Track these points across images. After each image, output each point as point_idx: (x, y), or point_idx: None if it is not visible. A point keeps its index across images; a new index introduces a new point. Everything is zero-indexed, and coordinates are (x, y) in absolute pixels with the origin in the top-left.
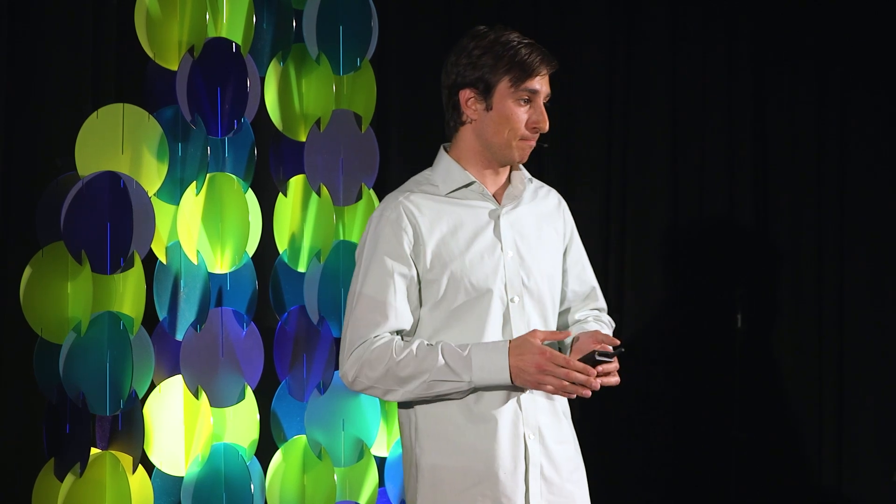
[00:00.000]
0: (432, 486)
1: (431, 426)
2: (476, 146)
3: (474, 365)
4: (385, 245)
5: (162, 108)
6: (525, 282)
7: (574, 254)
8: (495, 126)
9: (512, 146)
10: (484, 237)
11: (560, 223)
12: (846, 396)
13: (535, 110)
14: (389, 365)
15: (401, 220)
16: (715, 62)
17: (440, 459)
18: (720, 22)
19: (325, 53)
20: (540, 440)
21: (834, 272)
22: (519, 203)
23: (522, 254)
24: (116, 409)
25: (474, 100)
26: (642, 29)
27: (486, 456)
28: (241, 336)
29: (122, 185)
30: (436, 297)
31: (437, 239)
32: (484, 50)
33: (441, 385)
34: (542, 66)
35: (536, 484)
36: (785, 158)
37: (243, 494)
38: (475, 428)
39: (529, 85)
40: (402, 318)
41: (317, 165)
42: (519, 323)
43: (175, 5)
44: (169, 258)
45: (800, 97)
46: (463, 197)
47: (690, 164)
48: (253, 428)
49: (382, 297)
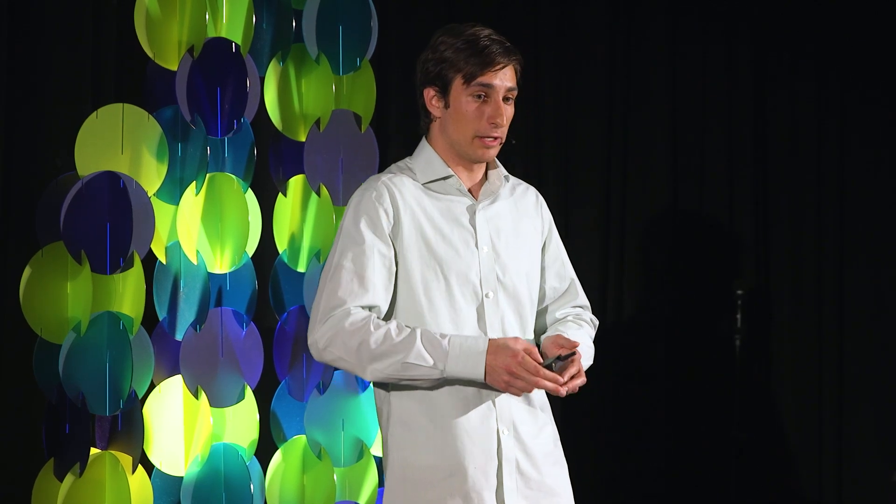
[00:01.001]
0: (402, 479)
1: (403, 417)
2: (444, 143)
3: (451, 355)
4: (366, 222)
5: (161, 108)
6: (500, 277)
7: (552, 250)
8: (454, 124)
9: (470, 143)
10: (459, 230)
11: (538, 220)
12: (846, 396)
13: (492, 105)
14: (363, 338)
15: (382, 200)
16: (715, 63)
17: (410, 452)
18: (720, 22)
19: (324, 53)
20: (515, 435)
21: (834, 272)
22: (495, 199)
23: (498, 250)
24: (116, 409)
25: (436, 98)
26: (642, 29)
27: (456, 450)
28: (241, 336)
29: (121, 185)
30: (410, 284)
31: (416, 225)
32: (444, 48)
33: (413, 369)
34: (493, 62)
35: (511, 479)
36: (785, 158)
37: (243, 494)
38: (446, 422)
39: (482, 80)
40: (378, 295)
41: (316, 165)
42: (493, 319)
43: (175, 5)
44: (168, 258)
45: (800, 98)
46: (440, 189)
47: (690, 165)
48: (252, 428)
49: (362, 271)
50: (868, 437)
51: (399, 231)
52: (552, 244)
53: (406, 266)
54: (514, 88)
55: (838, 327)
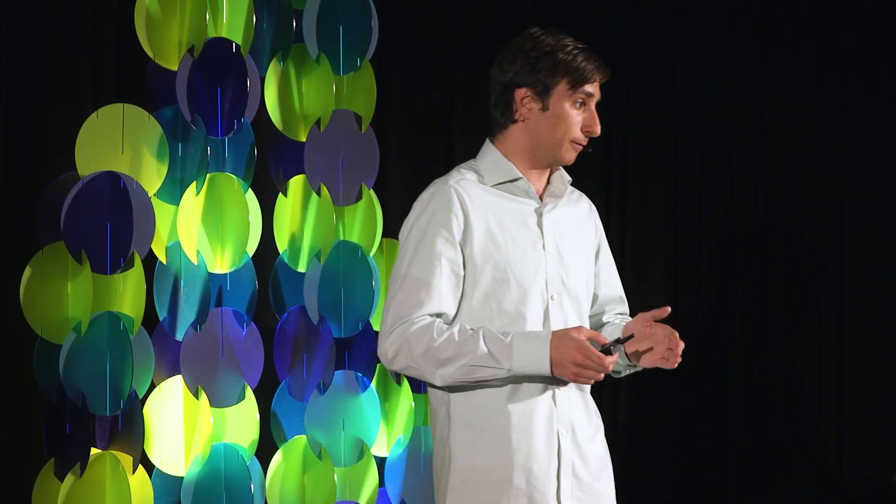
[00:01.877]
0: (464, 480)
1: (466, 418)
2: (525, 145)
3: (515, 353)
4: (435, 227)
5: (162, 108)
6: (564, 280)
7: (603, 259)
8: (550, 126)
9: (563, 147)
10: (527, 232)
11: (591, 228)
12: (846, 396)
13: (589, 114)
14: (430, 345)
15: (452, 205)
16: (715, 62)
17: (474, 452)
18: (720, 21)
19: (325, 53)
20: (572, 437)
21: (834, 272)
22: (558, 203)
23: (562, 253)
24: (116, 409)
25: (530, 99)
26: (642, 28)
27: (522, 450)
28: (241, 336)
29: (122, 185)
30: (478, 287)
31: (485, 228)
32: (542, 52)
33: (480, 371)
34: (597, 73)
35: (567, 481)
36: (785, 158)
37: (243, 494)
38: (510, 421)
39: (586, 88)
40: (445, 302)
41: (317, 165)
42: (557, 321)
43: (175, 5)
44: (169, 258)
45: (800, 97)
46: (508, 191)
47: (690, 164)
48: (253, 428)
49: (428, 280)
50: (868, 437)
51: (469, 235)
52: (603, 253)
53: (474, 269)
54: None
55: (838, 327)
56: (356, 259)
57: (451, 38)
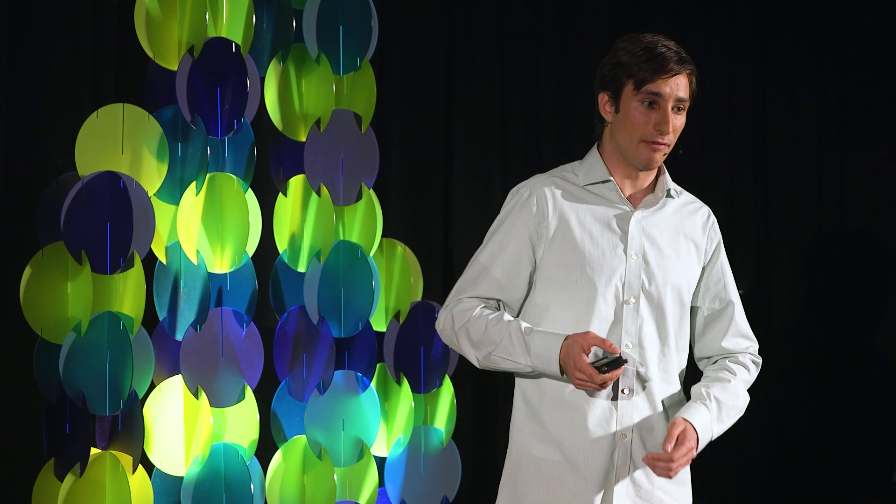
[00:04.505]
0: (517, 467)
1: (529, 406)
2: (612, 147)
3: (532, 350)
4: (511, 220)
5: (162, 108)
6: (645, 286)
7: (716, 272)
8: (623, 128)
9: (637, 147)
10: (609, 234)
11: (703, 240)
12: (847, 396)
13: (660, 113)
14: (467, 324)
15: (531, 200)
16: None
17: (530, 441)
18: (720, 19)
19: (325, 53)
20: (633, 442)
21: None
22: (657, 211)
23: (648, 259)
24: (116, 409)
25: (608, 103)
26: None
27: (571, 446)
28: (241, 336)
29: (121, 185)
30: (549, 281)
31: (564, 225)
32: (614, 57)
33: (504, 362)
34: (665, 69)
35: (624, 485)
36: (785, 157)
37: (243, 494)
38: (565, 415)
39: (651, 88)
40: (502, 290)
41: (317, 165)
42: (631, 325)
43: (175, 5)
44: (169, 258)
45: (800, 95)
46: (598, 192)
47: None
48: (253, 428)
49: (490, 266)
50: (868, 437)
51: (544, 231)
52: (716, 265)
53: (547, 265)
54: (685, 99)
55: (839, 327)
56: (356, 259)
57: (452, 38)
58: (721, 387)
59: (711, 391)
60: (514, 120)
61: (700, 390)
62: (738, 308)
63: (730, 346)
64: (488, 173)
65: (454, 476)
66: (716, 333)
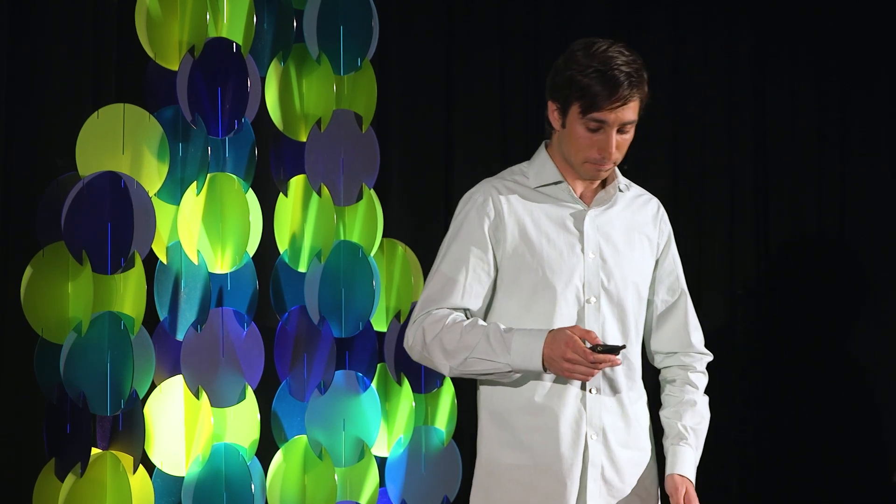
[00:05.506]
0: (488, 474)
1: (494, 413)
2: (560, 153)
3: (513, 348)
4: (467, 227)
5: (162, 108)
6: (605, 284)
7: (668, 264)
8: (567, 144)
9: (580, 165)
10: (566, 234)
11: (655, 232)
12: (847, 396)
13: (604, 138)
14: (441, 334)
15: (486, 205)
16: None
17: (499, 447)
18: (721, 19)
19: (325, 53)
20: (603, 441)
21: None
22: (609, 207)
23: (605, 257)
24: (117, 409)
25: (556, 113)
26: (643, 25)
27: (543, 450)
28: (242, 336)
29: (122, 185)
30: (510, 286)
31: (520, 228)
32: (566, 70)
33: (480, 364)
34: (615, 99)
35: (596, 485)
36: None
37: (244, 494)
38: (535, 420)
39: (597, 115)
40: (469, 298)
41: (317, 165)
42: (593, 324)
43: (175, 5)
44: (169, 258)
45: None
46: (551, 193)
47: (691, 163)
48: (253, 428)
49: (455, 276)
50: (868, 437)
51: (501, 235)
52: (668, 257)
53: (506, 269)
54: (632, 121)
55: (839, 327)
56: (357, 259)
57: (452, 38)
58: (692, 413)
59: (686, 423)
60: (515, 120)
61: (677, 427)
62: (689, 298)
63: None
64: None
65: (455, 476)
66: (673, 327)
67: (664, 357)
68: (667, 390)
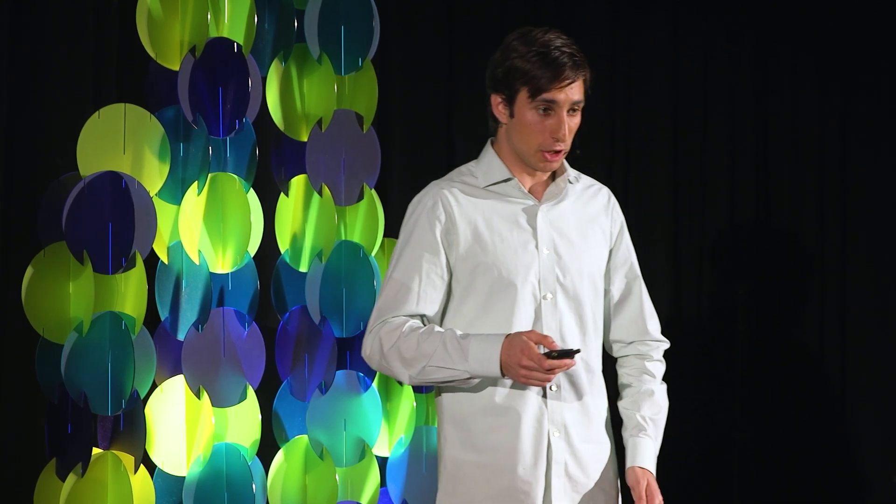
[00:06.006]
0: (453, 476)
1: (455, 415)
2: (509, 147)
3: (470, 355)
4: (419, 232)
5: (163, 107)
6: (560, 279)
7: (622, 253)
8: (518, 134)
9: (533, 155)
10: (519, 232)
11: (608, 222)
12: (847, 396)
13: (556, 120)
14: (396, 343)
15: (436, 209)
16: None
17: (461, 450)
18: (721, 19)
19: (326, 53)
20: (565, 438)
21: (836, 271)
22: (560, 201)
23: (560, 252)
24: (118, 408)
25: (502, 105)
26: (643, 25)
27: (506, 450)
28: (243, 336)
29: (123, 184)
30: (466, 288)
31: (472, 229)
32: (509, 58)
33: (439, 372)
34: (561, 78)
35: (560, 482)
36: (786, 157)
37: (245, 494)
38: (496, 421)
39: (546, 96)
40: (424, 304)
41: (318, 165)
42: (550, 321)
43: (176, 5)
44: (170, 258)
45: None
46: (501, 191)
47: (692, 162)
48: (254, 428)
49: (409, 283)
50: (869, 437)
51: (454, 238)
52: (622, 246)
53: (461, 272)
54: (580, 101)
55: (840, 327)
56: (358, 259)
57: (452, 37)
58: (650, 403)
59: (645, 414)
60: None
61: (636, 418)
62: (644, 285)
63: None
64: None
65: None
66: (629, 316)
67: (622, 346)
68: (624, 380)
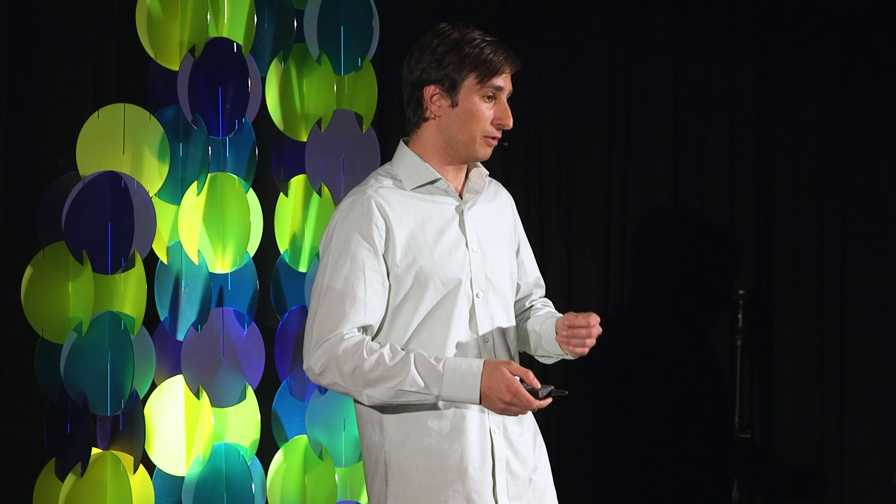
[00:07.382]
0: (403, 483)
1: (398, 423)
2: (439, 142)
3: (445, 379)
4: (356, 238)
5: (163, 108)
6: (489, 277)
7: (525, 248)
8: (460, 122)
9: (476, 143)
10: (450, 233)
11: (510, 217)
12: (847, 397)
13: (500, 107)
14: (358, 364)
15: (372, 214)
16: (717, 62)
17: (410, 456)
18: (722, 18)
19: (326, 53)
20: (504, 433)
21: (835, 272)
22: (478, 199)
23: (485, 249)
24: (117, 409)
25: (439, 96)
26: (643, 25)
27: (456, 452)
28: (242, 336)
29: (123, 184)
30: (404, 294)
31: (407, 234)
32: (449, 47)
33: (408, 395)
34: (506, 65)
35: (503, 478)
36: (786, 158)
37: (244, 494)
38: (441, 424)
39: (495, 82)
40: (370, 314)
41: (318, 165)
42: (484, 318)
43: (176, 5)
44: (170, 258)
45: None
46: (428, 193)
47: (691, 165)
48: (254, 428)
49: (352, 292)
50: (869, 438)
51: (391, 244)
52: (523, 242)
53: (399, 278)
54: (511, 92)
55: (840, 328)
56: None
57: None
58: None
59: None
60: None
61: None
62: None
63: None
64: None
65: None
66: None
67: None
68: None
